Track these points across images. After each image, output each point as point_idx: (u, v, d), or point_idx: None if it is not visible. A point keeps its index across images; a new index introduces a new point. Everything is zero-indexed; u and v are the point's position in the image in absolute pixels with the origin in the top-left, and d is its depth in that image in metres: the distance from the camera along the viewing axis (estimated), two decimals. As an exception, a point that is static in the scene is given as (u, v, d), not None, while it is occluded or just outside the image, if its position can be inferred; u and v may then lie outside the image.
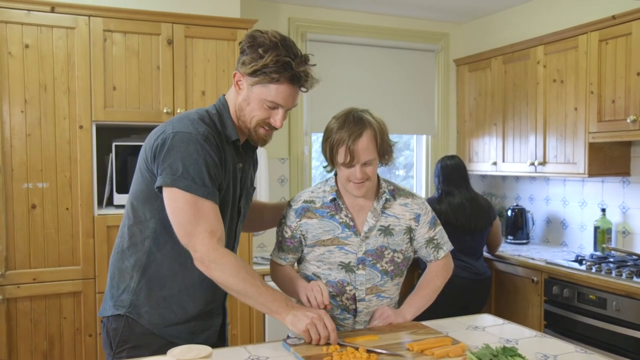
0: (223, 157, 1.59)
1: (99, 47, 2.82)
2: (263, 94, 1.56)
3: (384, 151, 1.75)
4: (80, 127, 2.80)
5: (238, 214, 1.73)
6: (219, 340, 1.80)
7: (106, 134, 2.97)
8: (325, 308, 1.67)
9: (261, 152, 3.17)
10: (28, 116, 2.71)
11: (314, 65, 1.61)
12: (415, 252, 1.93)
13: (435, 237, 1.90)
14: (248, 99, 1.59)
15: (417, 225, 1.86)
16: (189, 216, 1.51)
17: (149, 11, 2.93)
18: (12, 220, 2.69)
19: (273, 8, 3.85)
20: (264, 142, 1.67)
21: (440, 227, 1.93)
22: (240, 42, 1.61)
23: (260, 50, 1.53)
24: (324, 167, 1.83)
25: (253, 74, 1.55)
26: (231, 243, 1.74)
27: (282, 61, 1.52)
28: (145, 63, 2.91)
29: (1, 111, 2.66)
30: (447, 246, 1.94)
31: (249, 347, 1.70)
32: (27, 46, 2.69)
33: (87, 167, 2.82)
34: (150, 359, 1.47)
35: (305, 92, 1.62)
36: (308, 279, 1.87)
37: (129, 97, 2.89)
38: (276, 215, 1.96)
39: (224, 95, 1.71)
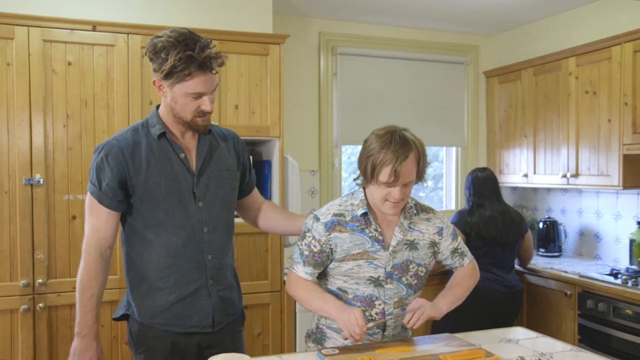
0: (137, 159, 1.75)
1: (136, 64, 2.91)
2: (184, 89, 1.68)
3: (422, 172, 1.78)
4: (119, 140, 2.89)
5: (194, 197, 1.80)
6: (215, 322, 1.84)
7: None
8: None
9: (292, 165, 3.22)
10: (69, 130, 2.82)
11: (214, 46, 1.71)
12: (440, 262, 1.96)
13: (459, 247, 1.95)
14: (174, 98, 1.71)
15: (441, 239, 1.90)
16: (86, 210, 1.79)
17: (185, 28, 3.01)
18: (54, 230, 2.79)
19: (304, 22, 3.92)
20: (204, 128, 1.79)
21: (460, 239, 1.98)
22: (145, 52, 1.75)
23: (162, 55, 1.66)
24: (355, 179, 1.83)
25: (166, 77, 1.68)
26: (188, 227, 1.79)
27: (184, 57, 1.63)
28: (180, 78, 3.00)
29: (45, 126, 2.77)
30: (470, 254, 1.99)
31: (284, 357, 1.73)
32: (69, 63, 2.81)
33: (125, 180, 2.90)
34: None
35: (215, 73, 1.72)
36: (332, 294, 1.85)
37: (165, 111, 2.97)
38: (271, 219, 2.06)
39: (158, 105, 1.86)
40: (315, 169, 3.97)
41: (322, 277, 1.90)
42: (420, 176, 1.78)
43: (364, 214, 1.80)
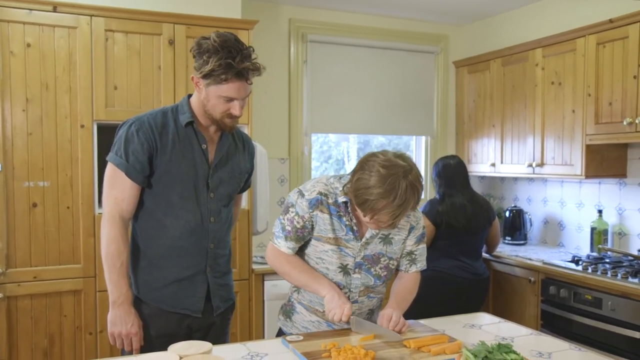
0: (164, 139, 1.83)
1: (100, 47, 2.84)
2: (217, 92, 1.78)
3: None
4: (82, 126, 2.82)
5: (207, 187, 1.89)
6: (207, 305, 1.91)
7: (107, 133, 2.98)
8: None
9: (261, 152, 3.19)
10: (29, 115, 2.73)
11: (255, 58, 1.81)
12: None
13: (415, 252, 1.93)
14: (207, 96, 1.81)
15: (408, 237, 1.90)
16: (107, 181, 1.84)
17: (151, 11, 2.95)
18: (13, 218, 2.71)
19: (274, 9, 3.87)
20: (231, 128, 1.90)
21: (423, 245, 1.95)
22: (190, 49, 1.82)
23: (205, 57, 1.75)
24: (343, 190, 1.77)
25: (205, 77, 1.77)
26: (197, 214, 1.88)
27: (224, 64, 1.73)
28: (146, 63, 2.93)
29: (3, 110, 2.68)
30: (421, 265, 1.96)
31: (248, 344, 1.73)
32: (28, 45, 2.71)
33: (88, 166, 2.84)
34: (152, 355, 1.49)
35: (251, 84, 1.82)
36: None
37: (130, 96, 2.91)
38: None
39: (190, 94, 1.94)
40: (285, 157, 3.95)
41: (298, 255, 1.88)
42: None
43: (345, 203, 1.80)
